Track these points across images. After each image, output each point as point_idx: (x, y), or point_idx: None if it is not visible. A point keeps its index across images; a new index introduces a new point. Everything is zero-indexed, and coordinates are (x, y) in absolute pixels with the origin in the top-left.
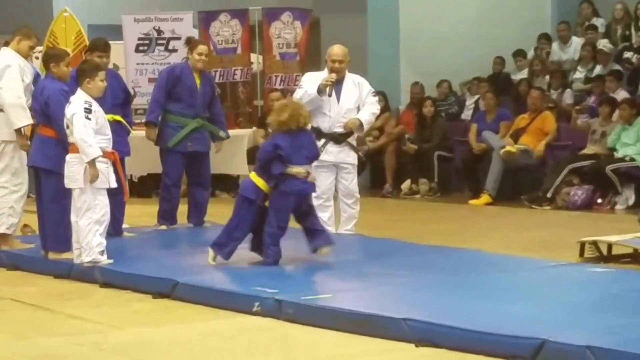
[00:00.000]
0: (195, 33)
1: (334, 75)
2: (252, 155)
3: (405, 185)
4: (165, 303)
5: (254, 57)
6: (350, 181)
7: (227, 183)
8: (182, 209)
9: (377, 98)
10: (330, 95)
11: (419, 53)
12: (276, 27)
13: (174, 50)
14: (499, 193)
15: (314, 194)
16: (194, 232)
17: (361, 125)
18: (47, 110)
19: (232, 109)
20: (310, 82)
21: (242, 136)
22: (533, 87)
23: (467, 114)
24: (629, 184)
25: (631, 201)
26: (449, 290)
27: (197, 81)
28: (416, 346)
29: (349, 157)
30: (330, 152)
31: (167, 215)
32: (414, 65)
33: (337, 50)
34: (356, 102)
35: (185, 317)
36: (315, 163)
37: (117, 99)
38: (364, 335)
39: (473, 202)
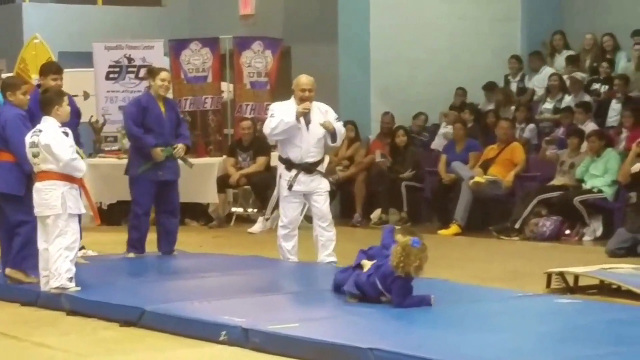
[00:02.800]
0: (165, 61)
1: (309, 104)
2: (222, 183)
3: (375, 214)
4: (132, 331)
5: (224, 85)
6: (323, 203)
7: (197, 211)
8: (151, 237)
9: (341, 123)
10: (300, 123)
11: (389, 82)
12: (247, 56)
13: (145, 78)
14: (468, 223)
15: (281, 223)
16: (163, 260)
17: (335, 132)
18: (4, 135)
19: (202, 137)
20: (282, 111)
21: (212, 164)
22: (501, 118)
23: (437, 144)
24: (596, 216)
25: (599, 232)
26: (417, 320)
27: (162, 109)
28: None
29: (321, 184)
30: (302, 182)
31: (136, 244)
32: (384, 94)
33: (305, 80)
34: (324, 130)
35: (152, 346)
36: (285, 193)
37: (71, 124)
38: None
39: (442, 232)
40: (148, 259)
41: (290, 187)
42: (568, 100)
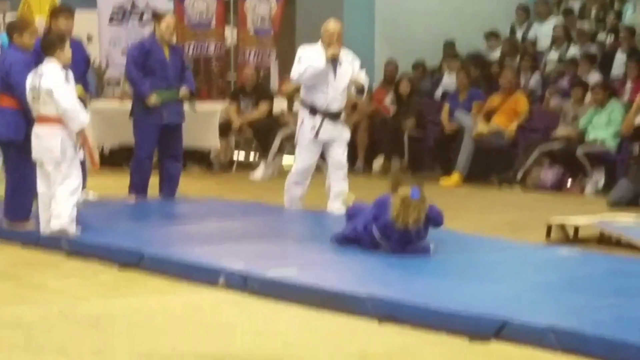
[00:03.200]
0: (170, 6)
1: (337, 48)
2: (224, 128)
3: (377, 163)
4: (131, 275)
5: (228, 31)
6: (342, 153)
7: (199, 157)
8: (154, 181)
9: (364, 71)
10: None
11: (394, 30)
12: (251, 2)
13: (148, 23)
14: (470, 173)
15: (294, 169)
16: (165, 204)
17: (363, 88)
18: (7, 79)
19: (204, 83)
20: (309, 56)
21: (215, 110)
22: (505, 67)
23: (440, 93)
24: (599, 167)
25: (601, 184)
26: (416, 269)
27: (167, 53)
28: (379, 323)
29: (343, 133)
30: (325, 130)
31: (138, 188)
32: (389, 42)
33: (333, 25)
34: (351, 78)
35: (151, 289)
36: (306, 141)
37: (79, 70)
38: (330, 311)
39: (444, 181)
40: (149, 203)
41: (317, 135)
42: (573, 50)
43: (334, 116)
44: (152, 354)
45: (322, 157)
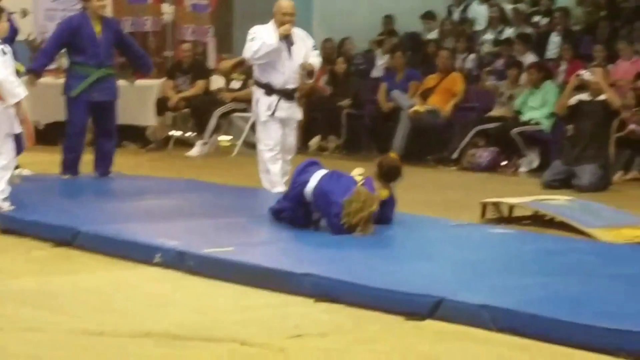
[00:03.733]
0: None
1: (289, 26)
2: (160, 105)
3: (314, 141)
4: (66, 252)
5: (165, 7)
6: (294, 137)
7: (135, 134)
8: (89, 158)
9: (318, 51)
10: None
11: (332, 9)
12: None
13: None
14: (407, 152)
15: (265, 147)
16: (99, 181)
17: (312, 70)
18: None
19: None
20: (262, 35)
21: (151, 87)
22: (442, 47)
23: (377, 73)
24: (533, 147)
25: (535, 164)
26: (352, 247)
27: (97, 29)
28: (315, 301)
29: (297, 113)
30: (282, 108)
31: (70, 165)
32: (327, 21)
33: (286, 3)
34: (304, 57)
35: (86, 267)
36: (263, 118)
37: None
38: (265, 289)
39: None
40: (84, 180)
41: (273, 113)
42: (509, 31)
43: (289, 95)
44: (84, 330)
45: None
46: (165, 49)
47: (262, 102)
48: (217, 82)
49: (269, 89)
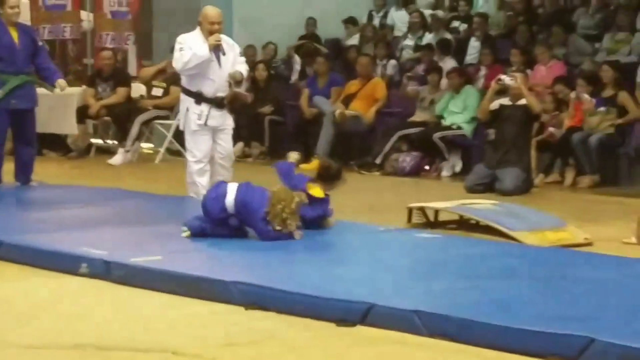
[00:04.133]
0: None
1: (219, 36)
2: (81, 113)
3: (237, 148)
4: None
5: (84, 14)
6: (229, 143)
7: (56, 142)
8: (9, 167)
9: (244, 58)
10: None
11: (252, 15)
12: None
13: None
14: (330, 158)
15: (193, 159)
16: (20, 190)
17: (242, 79)
18: None
19: (61, 67)
20: (192, 44)
21: (71, 95)
22: (362, 54)
23: (295, 78)
24: (455, 151)
25: (457, 168)
26: (280, 254)
27: (15, 36)
28: (245, 309)
29: (228, 120)
30: (213, 117)
31: None
32: (247, 27)
33: (212, 12)
34: (233, 64)
35: (10, 277)
36: (194, 127)
37: None
38: (194, 298)
39: (304, 166)
40: (5, 189)
41: (205, 122)
42: (429, 37)
43: (220, 103)
44: (4, 343)
45: None
46: (85, 57)
47: (192, 111)
48: (138, 89)
49: (199, 98)
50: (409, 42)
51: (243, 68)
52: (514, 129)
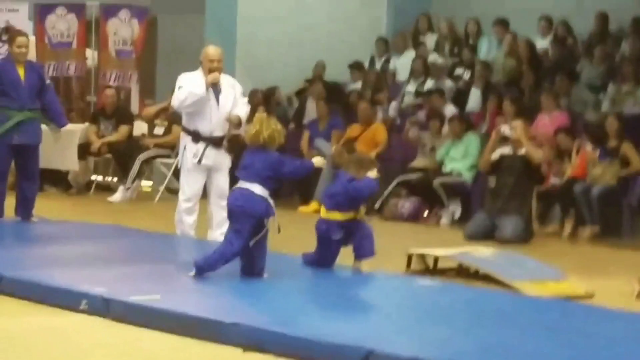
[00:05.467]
0: (30, 25)
1: (217, 74)
2: (83, 150)
3: None
4: None
5: (89, 52)
6: (225, 181)
7: (57, 178)
8: (11, 202)
9: (246, 99)
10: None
11: (255, 58)
12: (113, 24)
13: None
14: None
15: (183, 196)
16: (22, 226)
17: (240, 122)
18: None
19: (65, 104)
20: (191, 82)
21: (74, 131)
22: (362, 98)
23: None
24: (455, 198)
25: (457, 215)
26: (280, 296)
27: (21, 73)
28: (243, 351)
29: (225, 159)
30: (208, 156)
31: None
32: (249, 70)
33: (213, 51)
34: (233, 103)
35: (10, 312)
36: (189, 165)
37: None
38: (193, 338)
39: (302, 208)
40: (6, 224)
41: (200, 161)
42: (431, 83)
43: (217, 142)
44: None
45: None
46: (88, 94)
47: (189, 149)
48: (140, 127)
49: (196, 137)
50: (411, 87)
51: (243, 110)
52: (514, 179)
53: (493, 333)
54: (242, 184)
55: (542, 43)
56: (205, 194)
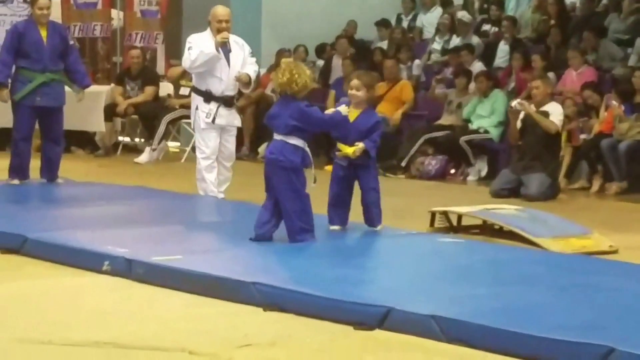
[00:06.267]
0: None
1: (226, 34)
2: (109, 111)
3: (263, 148)
4: (13, 259)
5: (114, 13)
6: (232, 144)
7: (83, 139)
8: (38, 163)
9: (255, 58)
10: (220, 53)
11: (281, 16)
12: None
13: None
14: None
15: (202, 155)
16: (47, 188)
17: (250, 81)
18: None
19: (90, 65)
20: (199, 43)
21: (100, 92)
22: (387, 56)
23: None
24: (481, 156)
25: (483, 173)
26: (300, 256)
27: (44, 34)
28: (264, 310)
29: (236, 119)
30: (222, 115)
31: (17, 170)
32: (275, 28)
33: (221, 10)
34: (242, 63)
35: (34, 274)
36: (203, 125)
37: None
38: (214, 298)
39: (328, 167)
40: (31, 187)
41: (213, 120)
42: (457, 40)
43: (228, 102)
44: (26, 339)
45: None
46: (114, 55)
47: (201, 110)
48: (166, 88)
49: (208, 97)
50: (437, 45)
51: (252, 69)
52: (539, 137)
53: (515, 291)
54: (276, 136)
55: None
56: None
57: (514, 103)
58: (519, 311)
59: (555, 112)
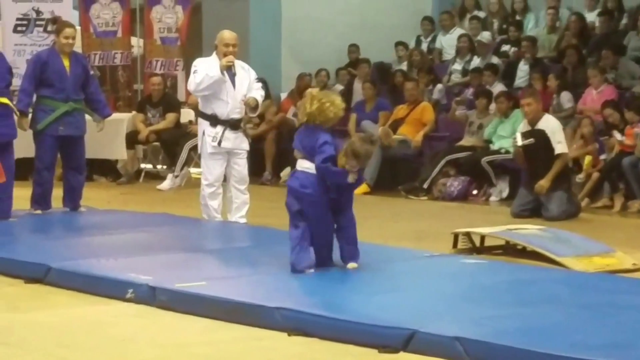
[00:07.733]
0: (75, 15)
1: (232, 57)
2: (131, 139)
3: (285, 172)
4: (37, 288)
5: (134, 40)
6: (243, 166)
7: (105, 167)
8: (60, 193)
9: (261, 84)
10: (225, 76)
11: (300, 40)
12: (157, 11)
13: (54, 32)
14: (377, 182)
15: (205, 182)
16: (69, 216)
17: (257, 105)
18: None
19: (111, 93)
20: (206, 67)
21: (121, 120)
22: (408, 78)
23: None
24: (503, 176)
25: (505, 193)
26: (324, 280)
27: (66, 64)
28: (288, 335)
29: (243, 143)
30: (227, 139)
31: (40, 200)
32: (295, 52)
33: (228, 35)
34: (248, 88)
35: (57, 303)
36: (210, 150)
37: (3, 81)
38: (238, 324)
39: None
40: (54, 215)
41: (219, 143)
42: (477, 61)
43: (234, 125)
44: None
45: None
46: (134, 82)
47: (208, 134)
48: (187, 115)
49: (214, 120)
50: (457, 66)
51: (259, 94)
52: (545, 158)
53: (539, 311)
54: (299, 163)
55: (589, 16)
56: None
57: (516, 136)
58: (542, 331)
59: (551, 129)
